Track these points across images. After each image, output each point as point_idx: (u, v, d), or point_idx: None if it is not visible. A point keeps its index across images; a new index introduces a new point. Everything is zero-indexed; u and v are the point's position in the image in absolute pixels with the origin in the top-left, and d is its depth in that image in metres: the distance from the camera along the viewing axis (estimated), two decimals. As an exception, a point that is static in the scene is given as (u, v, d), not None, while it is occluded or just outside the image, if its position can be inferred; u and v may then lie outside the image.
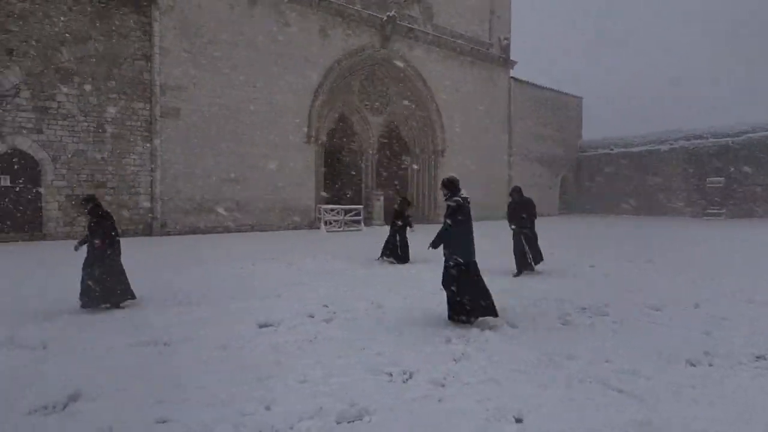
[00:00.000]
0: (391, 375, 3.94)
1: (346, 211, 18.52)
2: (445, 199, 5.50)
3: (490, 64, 26.09)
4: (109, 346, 4.61)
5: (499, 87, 26.65)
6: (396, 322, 5.48)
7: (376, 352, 4.47)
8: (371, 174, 22.21)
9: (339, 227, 18.02)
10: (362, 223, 18.66)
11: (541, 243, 9.21)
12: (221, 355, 4.42)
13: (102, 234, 6.15)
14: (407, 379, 3.85)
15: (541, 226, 10.00)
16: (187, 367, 4.11)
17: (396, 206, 11.08)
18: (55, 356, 4.40)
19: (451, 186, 5.48)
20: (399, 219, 10.53)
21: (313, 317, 5.72)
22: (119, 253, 6.38)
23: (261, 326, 5.37)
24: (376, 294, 6.91)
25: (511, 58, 27.04)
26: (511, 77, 27.35)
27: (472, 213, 5.50)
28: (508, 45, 26.72)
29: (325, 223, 17.95)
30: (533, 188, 28.74)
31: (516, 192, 9.04)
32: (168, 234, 15.62)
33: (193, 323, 5.43)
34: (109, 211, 6.75)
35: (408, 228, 10.60)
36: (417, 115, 23.30)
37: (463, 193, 5.45)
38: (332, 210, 18.19)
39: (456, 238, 5.36)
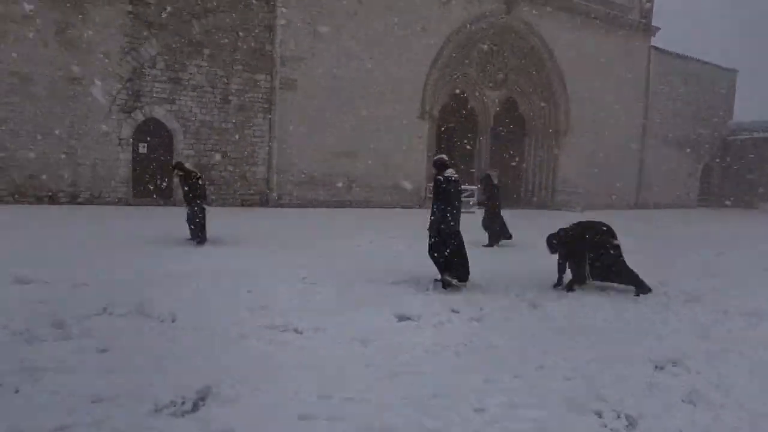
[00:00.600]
0: (600, 416, 2.96)
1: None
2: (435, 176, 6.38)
3: (628, 31, 23.00)
4: (241, 333, 4.13)
5: (637, 57, 23.48)
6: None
7: (565, 374, 3.50)
8: (485, 154, 20.81)
9: (451, 208, 17.01)
10: (476, 206, 17.49)
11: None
12: (363, 353, 3.75)
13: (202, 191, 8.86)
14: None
15: (670, 219, 8.20)
16: (323, 363, 3.48)
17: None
18: (184, 331, 4.04)
19: (438, 165, 6.53)
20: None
21: (458, 313, 4.88)
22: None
23: (400, 319, 4.64)
24: (523, 283, 5.94)
25: (654, 23, 23.63)
26: (651, 46, 23.96)
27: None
28: (651, 8, 23.35)
29: (437, 202, 17.02)
30: (669, 176, 25.34)
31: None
32: (281, 206, 15.79)
33: (320, 308, 4.86)
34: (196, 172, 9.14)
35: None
36: (539, 90, 21.30)
37: (449, 173, 6.34)
38: (445, 189, 17.21)
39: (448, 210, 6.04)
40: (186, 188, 8.86)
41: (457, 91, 19.98)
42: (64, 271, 5.70)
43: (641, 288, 5.97)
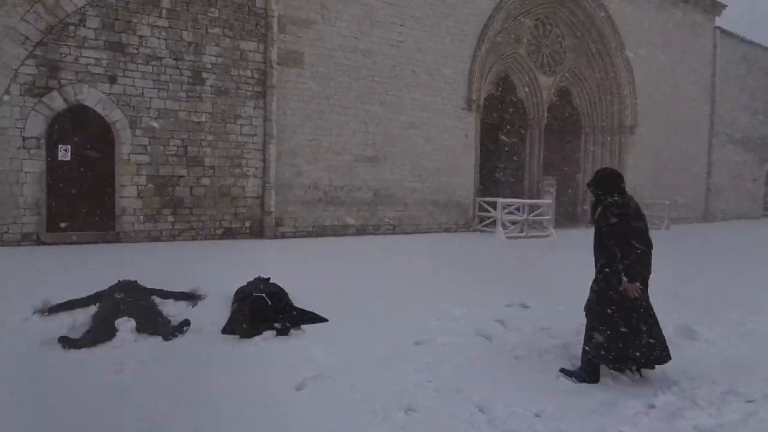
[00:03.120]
0: None
1: (531, 208, 12.73)
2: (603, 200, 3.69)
3: (693, 8, 18.93)
4: None
5: (702, 40, 19.43)
6: None
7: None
8: (537, 155, 16.23)
9: (520, 231, 12.31)
10: (550, 226, 12.84)
11: None
12: None
13: None
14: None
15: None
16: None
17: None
18: None
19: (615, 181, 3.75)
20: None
21: None
22: None
23: None
24: None
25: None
26: (716, 27, 19.95)
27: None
28: (719, -20, 19.38)
29: (503, 225, 12.31)
30: (735, 181, 21.28)
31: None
32: (283, 236, 10.79)
33: None
34: None
35: None
36: (597, 76, 16.90)
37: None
38: (510, 205, 12.52)
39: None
40: None
41: (502, 77, 15.37)
42: None
43: None
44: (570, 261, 8.61)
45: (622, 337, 3.43)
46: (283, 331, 4.24)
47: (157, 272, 6.42)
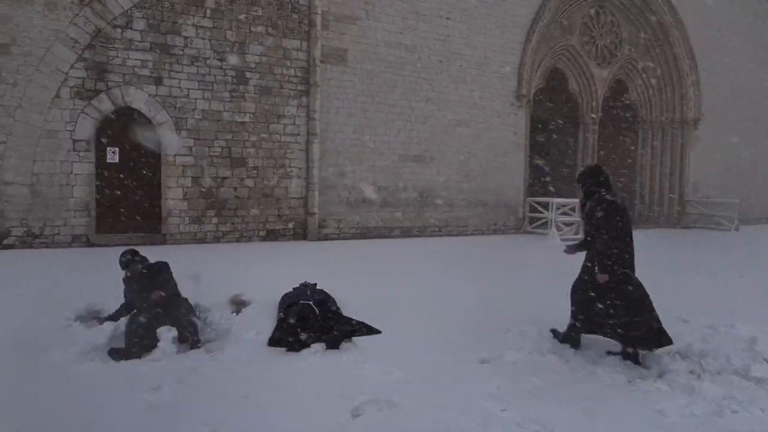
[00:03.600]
0: None
1: (587, 209, 11.95)
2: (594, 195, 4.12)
3: (763, -12, 17.42)
4: None
5: (773, 25, 17.83)
6: None
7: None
8: (592, 153, 15.30)
9: (575, 233, 11.55)
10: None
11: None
12: None
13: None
14: None
15: None
16: None
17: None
18: None
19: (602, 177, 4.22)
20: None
21: None
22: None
23: None
24: None
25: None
26: (790, 11, 18.26)
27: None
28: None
29: (557, 227, 11.59)
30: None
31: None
32: (327, 237, 10.51)
33: None
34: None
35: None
36: (656, 67, 15.79)
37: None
38: (564, 206, 11.77)
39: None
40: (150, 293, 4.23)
41: (552, 69, 14.57)
42: None
43: None
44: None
45: (595, 311, 3.95)
46: (333, 345, 3.87)
47: (199, 275, 6.24)
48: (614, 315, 3.84)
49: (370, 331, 4.23)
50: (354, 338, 4.07)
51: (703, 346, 4.04)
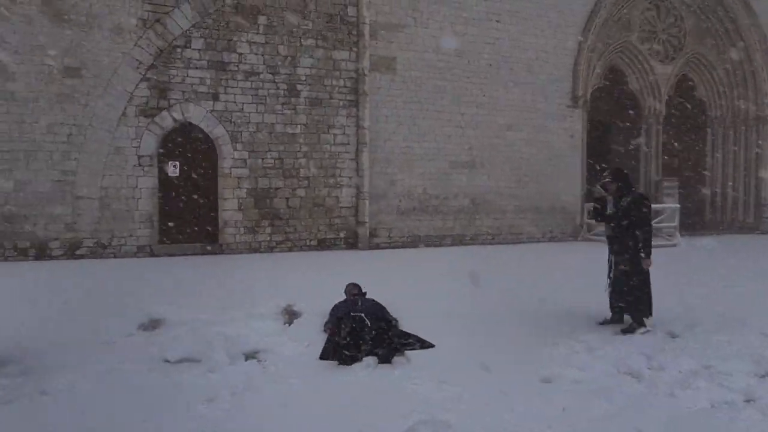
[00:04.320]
0: None
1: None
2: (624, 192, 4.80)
3: None
4: None
5: None
6: None
7: None
8: (656, 154, 14.44)
9: (639, 240, 10.88)
10: (676, 234, 11.22)
11: None
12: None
13: None
14: None
15: None
16: None
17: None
18: None
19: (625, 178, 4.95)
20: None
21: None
22: None
23: None
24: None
25: None
26: None
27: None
28: None
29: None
30: None
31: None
32: (377, 246, 10.48)
33: None
34: None
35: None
36: (727, 62, 14.70)
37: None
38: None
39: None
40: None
41: (610, 68, 13.89)
42: None
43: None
44: (710, 276, 7.27)
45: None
46: (385, 358, 3.78)
47: (253, 285, 6.35)
48: (632, 293, 4.71)
49: (423, 344, 4.10)
50: (407, 352, 3.96)
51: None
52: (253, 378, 3.46)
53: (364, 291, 5.12)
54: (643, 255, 4.63)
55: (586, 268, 8.18)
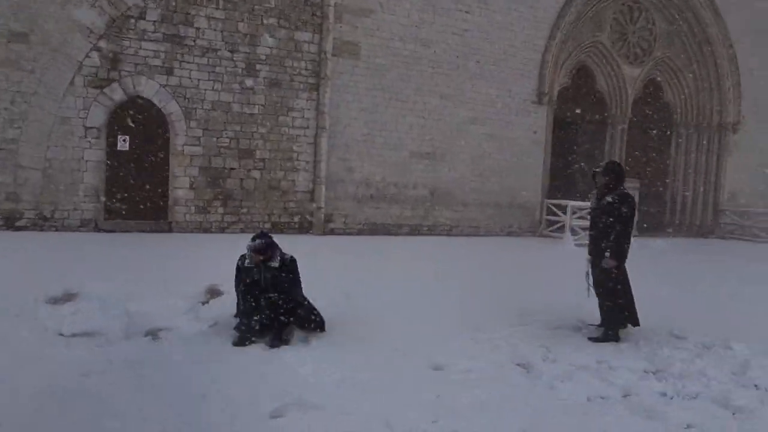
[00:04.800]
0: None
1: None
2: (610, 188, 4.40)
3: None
4: None
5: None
6: None
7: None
8: (619, 155, 14.60)
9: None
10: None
11: None
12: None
13: None
14: None
15: None
16: None
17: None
18: None
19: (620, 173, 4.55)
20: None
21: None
22: None
23: None
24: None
25: None
26: None
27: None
28: None
29: (572, 231, 11.15)
30: None
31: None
32: (332, 232, 10.44)
33: None
34: None
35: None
36: (694, 68, 14.91)
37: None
38: (582, 210, 11.28)
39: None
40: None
41: (579, 67, 13.96)
42: None
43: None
44: (646, 275, 7.41)
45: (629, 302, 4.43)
46: (283, 340, 3.74)
47: (187, 264, 6.27)
48: (606, 300, 4.38)
49: (318, 326, 4.04)
50: (310, 336, 3.93)
51: (686, 367, 3.70)
52: (139, 354, 3.40)
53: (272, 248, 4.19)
54: (607, 254, 4.24)
55: (534, 264, 8.29)
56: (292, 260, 4.18)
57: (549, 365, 3.64)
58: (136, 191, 9.24)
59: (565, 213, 11.61)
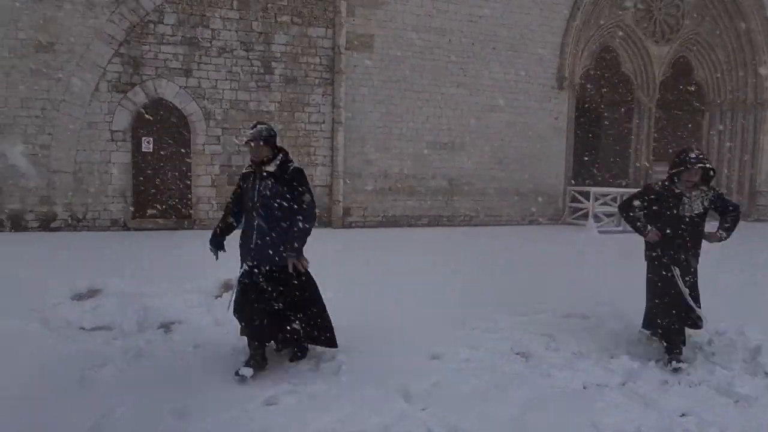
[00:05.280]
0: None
1: (630, 199, 11.12)
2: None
3: None
4: None
5: None
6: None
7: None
8: (647, 139, 14.14)
9: (616, 224, 10.80)
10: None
11: None
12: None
13: None
14: None
15: None
16: None
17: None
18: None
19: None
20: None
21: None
22: None
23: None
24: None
25: None
26: None
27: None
28: None
29: (595, 217, 10.91)
30: None
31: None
32: (351, 225, 10.55)
33: None
34: None
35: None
36: (726, 44, 14.22)
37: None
38: (605, 196, 11.01)
39: None
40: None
41: (603, 49, 13.54)
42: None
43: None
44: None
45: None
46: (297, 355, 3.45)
47: (207, 260, 6.49)
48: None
49: (329, 342, 3.43)
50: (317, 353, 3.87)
51: (691, 354, 3.63)
52: (150, 346, 3.59)
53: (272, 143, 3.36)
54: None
55: (554, 251, 8.16)
56: (299, 170, 3.29)
57: (550, 354, 3.64)
58: (161, 191, 9.59)
59: (588, 200, 11.34)
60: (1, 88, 8.51)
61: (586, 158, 14.11)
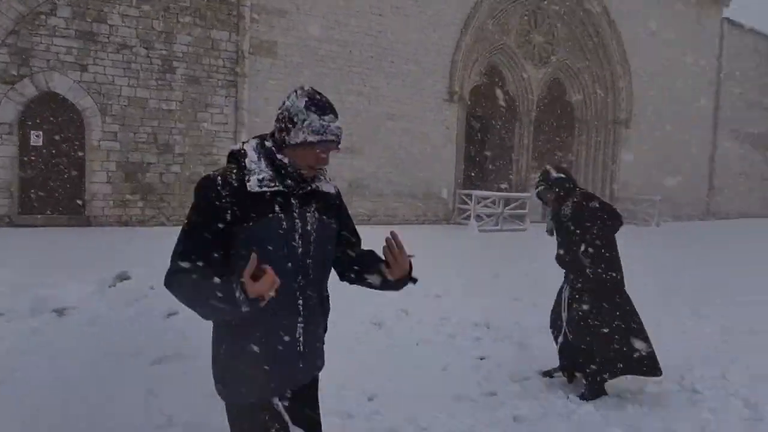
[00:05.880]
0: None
1: (506, 202, 12.65)
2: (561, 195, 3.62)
3: (698, -2, 18.33)
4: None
5: (707, 33, 18.78)
6: None
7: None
8: (527, 149, 16.03)
9: (495, 224, 12.26)
10: (527, 220, 12.74)
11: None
12: None
13: None
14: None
15: None
16: None
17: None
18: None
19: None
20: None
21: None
22: None
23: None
24: None
25: (727, -12, 18.99)
26: (725, 18, 19.28)
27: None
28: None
29: (477, 217, 12.28)
30: (740, 180, 20.64)
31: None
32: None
33: None
34: None
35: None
36: (593, 70, 16.57)
37: None
38: (486, 199, 12.45)
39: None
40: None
41: (489, 68, 15.18)
42: None
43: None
44: (528, 253, 8.57)
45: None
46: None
47: (101, 254, 6.66)
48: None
49: None
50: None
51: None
52: (44, 327, 3.92)
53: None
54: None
55: (431, 245, 9.21)
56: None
57: (403, 323, 4.49)
58: (52, 186, 9.35)
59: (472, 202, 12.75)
60: None
61: (474, 164, 15.70)
